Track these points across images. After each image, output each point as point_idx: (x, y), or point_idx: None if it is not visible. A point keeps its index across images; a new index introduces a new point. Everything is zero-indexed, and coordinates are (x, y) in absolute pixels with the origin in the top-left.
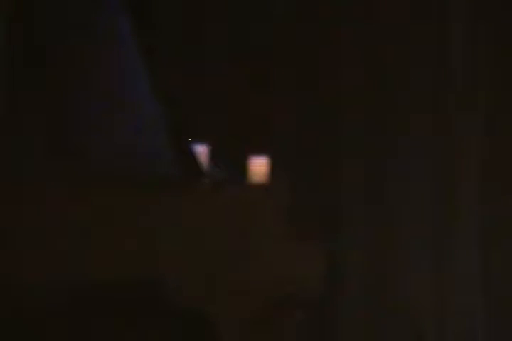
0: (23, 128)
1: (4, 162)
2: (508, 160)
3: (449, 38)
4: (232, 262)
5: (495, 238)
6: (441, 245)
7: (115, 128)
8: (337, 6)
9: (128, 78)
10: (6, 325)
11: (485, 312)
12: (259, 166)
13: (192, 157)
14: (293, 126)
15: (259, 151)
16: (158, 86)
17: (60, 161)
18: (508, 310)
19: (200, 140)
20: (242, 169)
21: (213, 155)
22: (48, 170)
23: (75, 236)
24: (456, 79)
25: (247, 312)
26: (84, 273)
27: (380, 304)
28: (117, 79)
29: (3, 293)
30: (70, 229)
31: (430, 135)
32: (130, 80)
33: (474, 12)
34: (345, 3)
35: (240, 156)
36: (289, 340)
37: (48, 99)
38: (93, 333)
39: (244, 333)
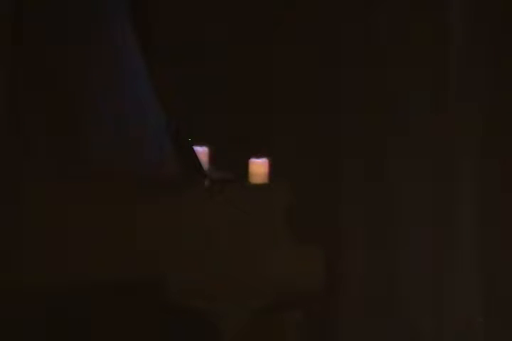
0: (23, 128)
1: (4, 162)
2: (507, 158)
3: (448, 37)
4: (232, 262)
5: (494, 237)
6: (440, 245)
7: (115, 129)
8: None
9: (129, 79)
10: (6, 325)
11: (485, 312)
12: (259, 167)
13: (192, 157)
14: (293, 126)
15: (259, 152)
16: (159, 87)
17: (61, 161)
18: (508, 310)
19: (201, 140)
20: (242, 169)
21: (214, 155)
22: (48, 169)
23: (74, 236)
24: (455, 78)
25: (247, 312)
26: (84, 273)
27: (379, 304)
28: (117, 80)
29: (3, 293)
30: (70, 229)
31: (430, 135)
32: (131, 81)
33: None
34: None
35: (240, 157)
36: (289, 340)
37: (48, 99)
38: (93, 333)
39: (245, 333)
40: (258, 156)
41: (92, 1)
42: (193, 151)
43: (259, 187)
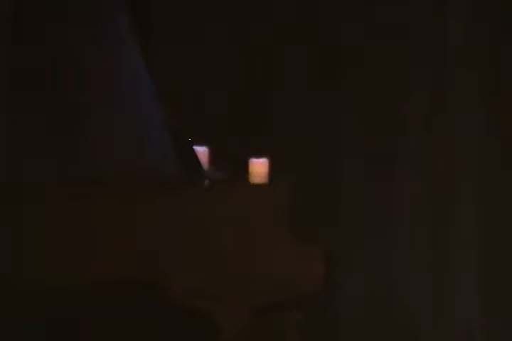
0: (23, 128)
1: (4, 162)
2: (507, 159)
3: (447, 37)
4: (232, 262)
5: (494, 238)
6: (440, 245)
7: (116, 129)
8: (337, 6)
9: (129, 79)
10: (6, 325)
11: (484, 313)
12: (259, 167)
13: (192, 157)
14: (293, 126)
15: (259, 152)
16: (159, 86)
17: (61, 161)
18: (507, 310)
19: (201, 140)
20: (242, 169)
21: (214, 155)
22: (48, 169)
23: (74, 236)
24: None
25: (247, 312)
26: (84, 273)
27: (379, 304)
28: (118, 80)
29: (3, 293)
30: (70, 229)
31: (430, 135)
32: (131, 81)
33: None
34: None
35: (240, 157)
36: (289, 340)
37: (48, 99)
38: (93, 333)
39: (245, 333)
40: (258, 156)
41: (92, 1)
42: (193, 151)
43: (259, 187)
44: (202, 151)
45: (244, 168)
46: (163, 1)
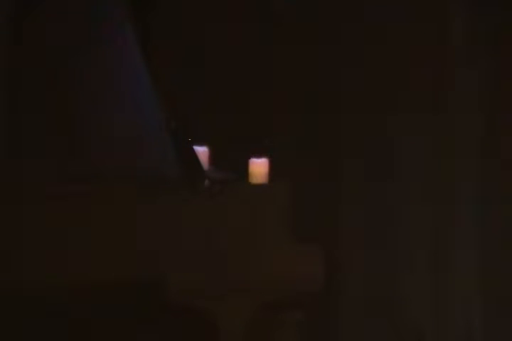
0: (23, 128)
1: (5, 161)
2: (507, 159)
3: (448, 37)
4: (233, 262)
5: (494, 238)
6: (440, 245)
7: (116, 129)
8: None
9: (129, 79)
10: (6, 325)
11: (484, 312)
12: (259, 167)
13: (192, 157)
14: (293, 126)
15: (259, 152)
16: (159, 87)
17: (61, 161)
18: (507, 310)
19: (201, 140)
20: (242, 169)
21: (214, 155)
22: (48, 169)
23: (74, 236)
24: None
25: (247, 312)
26: (84, 273)
27: (379, 304)
28: (118, 80)
29: (4, 293)
30: (70, 229)
31: (430, 134)
32: (131, 81)
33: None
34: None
35: (240, 157)
36: (289, 340)
37: (48, 99)
38: (93, 333)
39: (245, 333)
40: (258, 156)
41: (93, 2)
42: (193, 151)
43: (259, 187)
44: (202, 151)
45: (244, 168)
46: (163, 1)
